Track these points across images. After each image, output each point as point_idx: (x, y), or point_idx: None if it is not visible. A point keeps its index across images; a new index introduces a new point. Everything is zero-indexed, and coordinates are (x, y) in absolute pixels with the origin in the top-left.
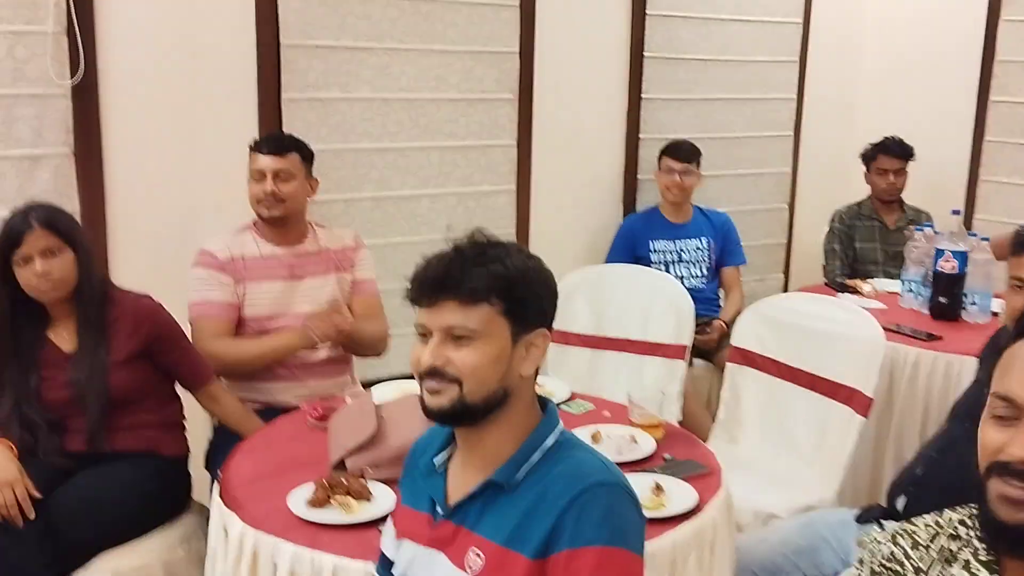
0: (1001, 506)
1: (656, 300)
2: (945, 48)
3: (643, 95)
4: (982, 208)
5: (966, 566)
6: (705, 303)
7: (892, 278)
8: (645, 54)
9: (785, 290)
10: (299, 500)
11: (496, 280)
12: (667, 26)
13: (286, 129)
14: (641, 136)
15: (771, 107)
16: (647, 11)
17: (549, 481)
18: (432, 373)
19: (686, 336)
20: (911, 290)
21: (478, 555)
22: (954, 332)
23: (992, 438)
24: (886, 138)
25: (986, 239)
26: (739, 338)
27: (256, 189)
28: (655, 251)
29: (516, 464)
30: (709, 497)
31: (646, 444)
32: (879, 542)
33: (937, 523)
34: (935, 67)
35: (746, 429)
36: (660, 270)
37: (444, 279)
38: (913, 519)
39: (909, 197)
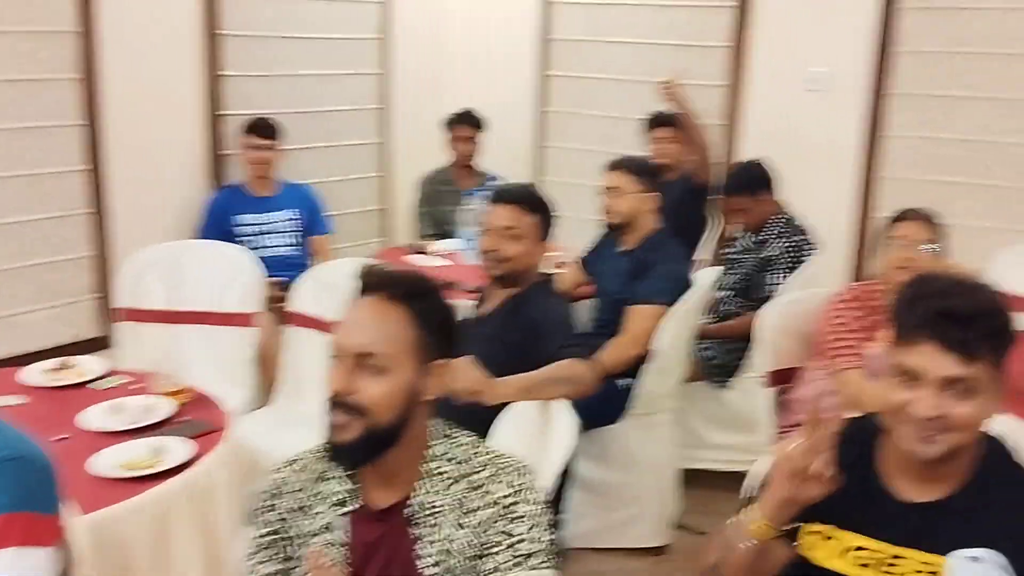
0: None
1: (227, 272)
2: (509, 28)
3: (222, 72)
4: (550, 172)
5: (335, 483)
6: (296, 269)
7: None
8: (223, 32)
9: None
10: None
11: None
12: (244, 4)
13: None
14: (224, 112)
15: (359, 82)
16: None
17: None
18: None
19: (256, 304)
20: (467, 247)
21: None
22: None
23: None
24: (464, 109)
25: None
26: (299, 303)
27: None
28: (243, 224)
29: None
30: (207, 451)
31: (163, 410)
32: (275, 470)
33: (319, 448)
34: (505, 44)
35: (309, 386)
36: (249, 242)
37: None
38: (301, 452)
39: (489, 162)
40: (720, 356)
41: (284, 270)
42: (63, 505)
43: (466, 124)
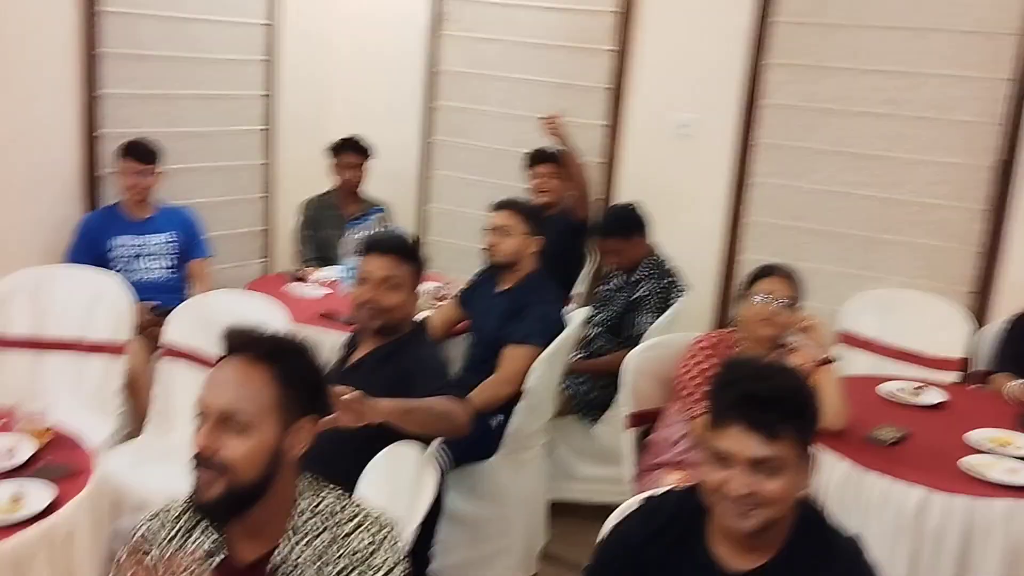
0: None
1: (97, 299)
2: (398, 57)
3: (99, 91)
4: (435, 199)
5: (202, 535)
6: (171, 293)
7: None
8: (100, 51)
9: (267, 272)
10: None
11: None
12: (125, 23)
13: None
14: (100, 132)
15: (244, 103)
16: (100, 7)
17: None
18: None
19: (125, 333)
20: (348, 276)
21: None
22: None
23: None
24: (349, 136)
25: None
26: (173, 334)
27: None
28: (117, 247)
29: None
30: (70, 496)
31: (24, 451)
32: (137, 523)
33: (187, 500)
34: (390, 71)
35: (180, 420)
36: (124, 265)
37: None
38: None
39: (374, 188)
40: (590, 392)
41: (160, 295)
42: None
43: (352, 151)
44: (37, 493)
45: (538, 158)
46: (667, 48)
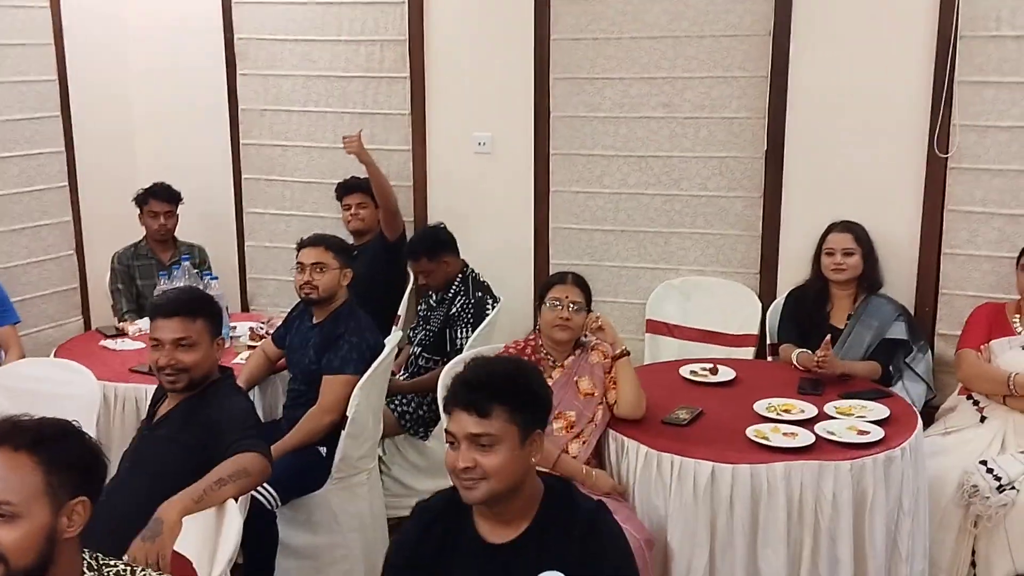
0: None
1: None
2: (198, 99)
3: None
4: (250, 237)
5: None
6: None
7: None
8: None
9: (87, 329)
10: None
11: None
12: None
13: None
14: None
15: (39, 161)
16: None
17: None
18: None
19: None
20: None
21: None
22: None
23: None
24: (155, 183)
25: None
26: None
27: None
28: None
29: None
30: None
31: None
32: None
33: None
34: (193, 114)
35: None
36: None
37: None
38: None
39: (192, 232)
40: (418, 409)
41: None
42: None
43: (158, 199)
44: None
45: (347, 188)
46: (459, 71)
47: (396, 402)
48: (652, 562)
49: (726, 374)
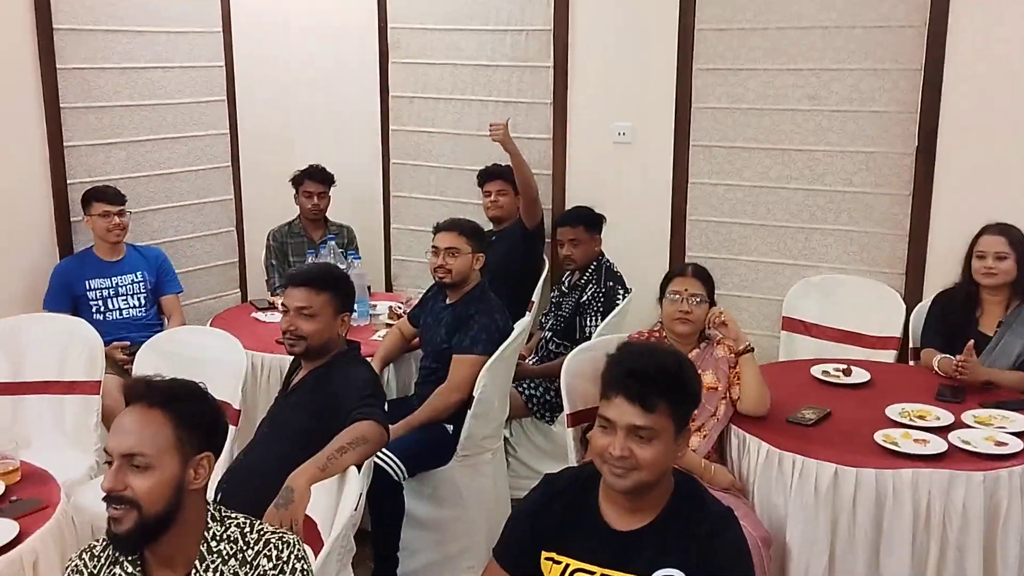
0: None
1: (70, 342)
2: (353, 86)
3: (66, 143)
4: (396, 220)
5: (123, 566)
6: (146, 329)
7: None
8: (62, 105)
9: (243, 301)
10: None
11: None
12: (82, 77)
13: None
14: (69, 182)
15: (206, 143)
16: (57, 65)
17: None
18: None
19: (98, 372)
20: None
21: None
22: None
23: None
24: (310, 165)
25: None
26: (139, 371)
27: None
28: (92, 289)
29: None
30: (33, 529)
31: None
32: (70, 559)
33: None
34: (347, 100)
35: None
36: (99, 306)
37: None
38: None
39: (342, 213)
40: (545, 394)
41: (134, 332)
42: None
43: (313, 180)
44: (4, 527)
45: (489, 175)
46: (602, 60)
47: (524, 385)
48: (769, 561)
49: (860, 376)
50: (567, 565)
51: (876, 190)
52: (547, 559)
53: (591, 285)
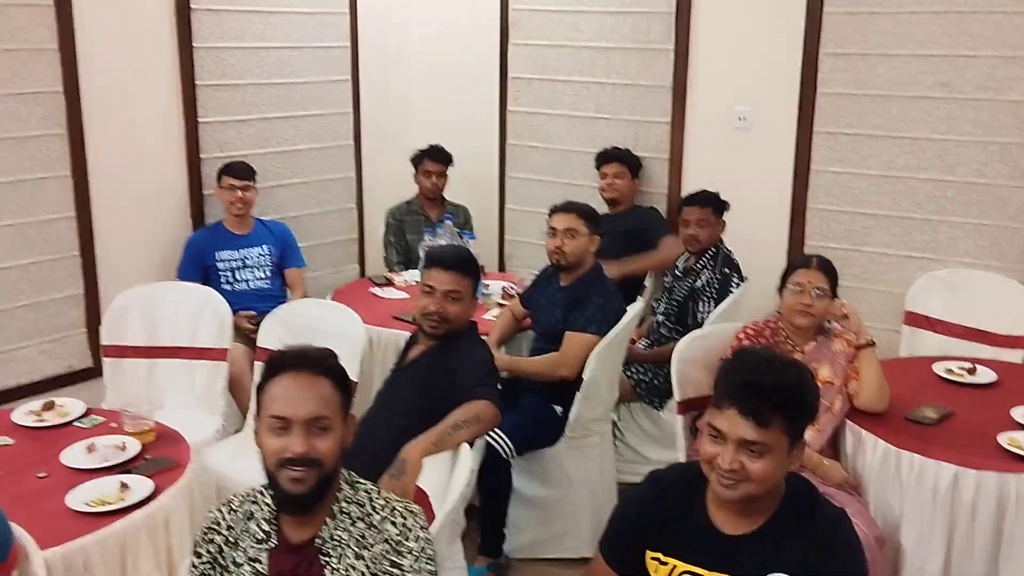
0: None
1: (201, 310)
2: (472, 67)
3: (200, 119)
4: (511, 201)
5: (258, 523)
6: (271, 300)
7: None
8: (200, 83)
9: (361, 276)
10: None
11: None
12: (217, 56)
13: None
14: (202, 156)
15: (331, 121)
16: (194, 44)
17: None
18: None
19: (226, 339)
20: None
21: None
22: None
23: None
24: (431, 145)
25: None
26: (265, 339)
27: None
28: (221, 260)
29: None
30: (166, 486)
31: (131, 449)
32: (209, 512)
33: (247, 492)
34: (466, 81)
35: None
36: (228, 276)
37: None
38: (232, 495)
39: (457, 193)
40: (655, 379)
41: (260, 302)
42: (12, 546)
43: (433, 159)
44: (140, 485)
45: (607, 157)
46: (724, 44)
47: (633, 370)
48: (883, 560)
49: (985, 375)
50: (674, 567)
51: (1011, 182)
52: (653, 559)
53: (706, 271)
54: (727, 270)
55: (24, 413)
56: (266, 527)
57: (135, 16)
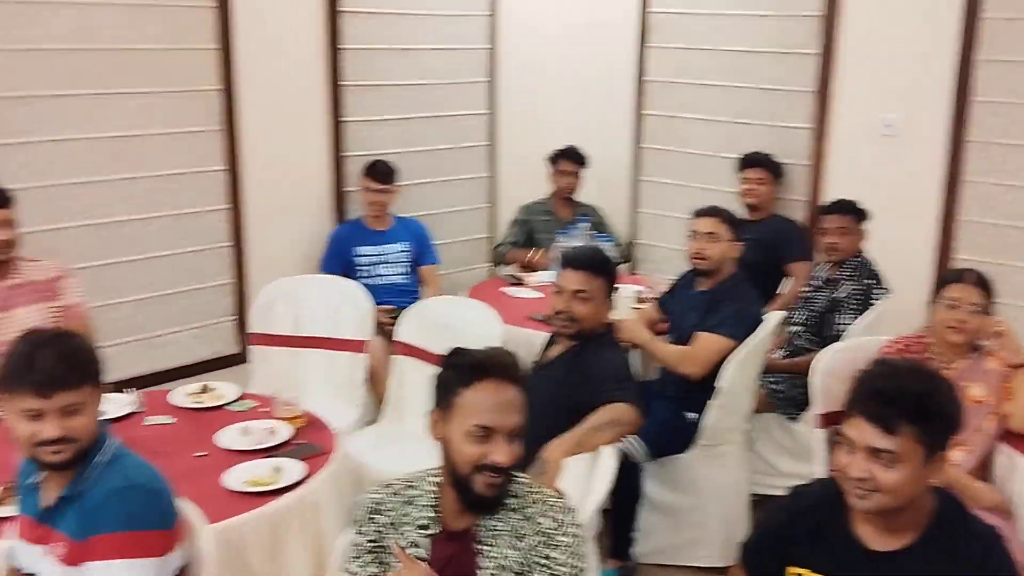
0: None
1: (343, 304)
2: (608, 70)
3: (343, 119)
4: (644, 204)
5: (417, 508)
6: (406, 296)
7: None
8: (344, 83)
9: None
10: None
11: None
12: (362, 58)
13: None
14: (345, 154)
15: (467, 122)
16: (339, 45)
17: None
18: None
19: (367, 332)
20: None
21: (58, 545)
22: None
23: None
24: (568, 146)
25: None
26: (404, 334)
27: None
28: (361, 255)
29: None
30: (316, 471)
31: (283, 433)
32: (367, 493)
33: (408, 477)
34: (600, 85)
35: (411, 408)
36: (366, 271)
37: None
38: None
39: (588, 195)
40: (790, 390)
41: (396, 297)
42: (178, 518)
43: (569, 160)
44: (292, 468)
45: (750, 162)
46: (872, 48)
47: (768, 380)
48: None
49: None
50: None
51: None
52: (795, 575)
53: (847, 283)
54: (869, 280)
55: (183, 395)
56: (431, 514)
57: (288, 18)
